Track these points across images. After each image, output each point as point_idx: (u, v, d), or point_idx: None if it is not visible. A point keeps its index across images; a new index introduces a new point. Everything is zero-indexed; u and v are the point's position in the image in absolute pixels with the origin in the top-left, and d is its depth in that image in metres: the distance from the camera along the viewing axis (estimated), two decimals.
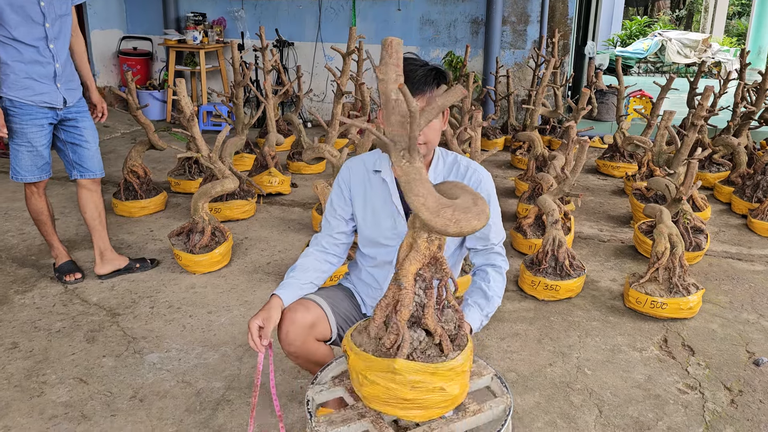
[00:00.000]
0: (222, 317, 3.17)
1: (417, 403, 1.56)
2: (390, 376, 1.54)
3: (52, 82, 3.20)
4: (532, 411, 2.48)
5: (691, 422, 2.43)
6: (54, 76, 3.21)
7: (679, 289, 3.18)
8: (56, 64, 3.21)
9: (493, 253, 2.09)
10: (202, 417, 2.42)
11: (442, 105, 1.36)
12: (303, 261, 2.10)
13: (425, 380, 1.53)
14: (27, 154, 3.25)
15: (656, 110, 5.26)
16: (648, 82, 7.59)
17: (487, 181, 2.07)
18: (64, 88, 3.26)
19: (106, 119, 3.68)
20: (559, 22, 7.25)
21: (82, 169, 3.47)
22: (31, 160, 3.27)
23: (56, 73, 3.21)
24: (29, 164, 3.28)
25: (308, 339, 1.97)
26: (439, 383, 1.55)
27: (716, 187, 5.21)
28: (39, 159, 3.29)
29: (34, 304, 3.29)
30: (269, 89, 5.25)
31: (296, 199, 5.06)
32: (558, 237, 3.43)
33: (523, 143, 6.14)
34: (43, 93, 3.18)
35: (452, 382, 1.57)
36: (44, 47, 3.15)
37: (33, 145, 3.25)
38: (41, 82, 3.16)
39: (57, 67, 3.21)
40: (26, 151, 3.25)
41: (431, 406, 1.58)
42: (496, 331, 3.08)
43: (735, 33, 17.99)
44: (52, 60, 3.19)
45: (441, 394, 1.56)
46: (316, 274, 2.09)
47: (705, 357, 2.89)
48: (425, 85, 1.84)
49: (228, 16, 8.23)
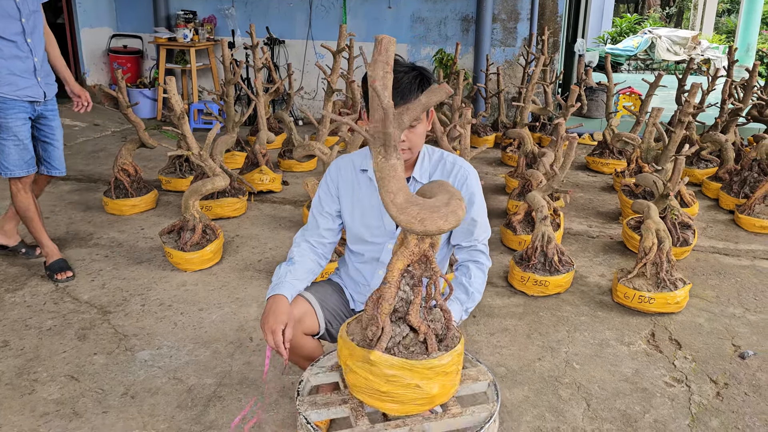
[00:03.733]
0: (213, 314, 3.18)
1: (392, 396, 1.58)
2: (367, 366, 1.57)
3: (32, 76, 3.29)
4: (521, 405, 2.51)
5: (678, 414, 2.47)
6: (34, 70, 3.29)
7: (667, 284, 3.22)
8: (35, 59, 3.29)
9: (476, 250, 2.11)
10: (194, 413, 2.44)
11: (426, 103, 1.38)
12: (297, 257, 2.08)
13: (401, 375, 1.55)
14: (14, 149, 3.30)
15: (645, 107, 5.30)
16: (637, 79, 7.64)
17: (473, 178, 2.08)
18: (43, 82, 3.36)
19: (90, 109, 3.73)
20: (549, 19, 7.28)
21: (49, 167, 3.59)
22: (18, 154, 3.33)
23: (35, 67, 3.30)
24: (17, 158, 3.33)
25: (296, 333, 1.97)
26: (416, 380, 1.55)
27: (704, 184, 5.26)
28: (26, 153, 3.36)
29: (24, 302, 3.29)
30: (260, 87, 5.26)
31: (287, 196, 5.07)
32: (547, 233, 3.46)
33: (514, 140, 6.17)
34: (25, 87, 3.27)
35: (430, 381, 1.56)
36: (22, 42, 3.22)
37: (19, 139, 3.31)
38: (23, 77, 3.25)
39: (36, 61, 3.30)
40: (13, 145, 3.30)
41: (407, 401, 1.58)
42: (486, 327, 3.10)
43: (724, 30, 18.09)
44: (30, 54, 3.27)
45: (416, 391, 1.56)
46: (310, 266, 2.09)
47: (691, 351, 2.92)
48: (411, 93, 1.84)
49: (218, 14, 8.22)
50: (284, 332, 1.87)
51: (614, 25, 17.33)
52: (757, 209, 4.40)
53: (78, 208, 4.73)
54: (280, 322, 1.87)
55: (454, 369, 1.62)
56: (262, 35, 7.74)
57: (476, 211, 2.07)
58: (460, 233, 2.09)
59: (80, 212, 4.63)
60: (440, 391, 1.61)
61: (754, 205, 4.42)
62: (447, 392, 1.64)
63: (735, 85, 5.87)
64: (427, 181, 2.06)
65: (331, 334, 2.16)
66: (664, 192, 3.73)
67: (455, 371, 1.64)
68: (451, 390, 1.66)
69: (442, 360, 1.58)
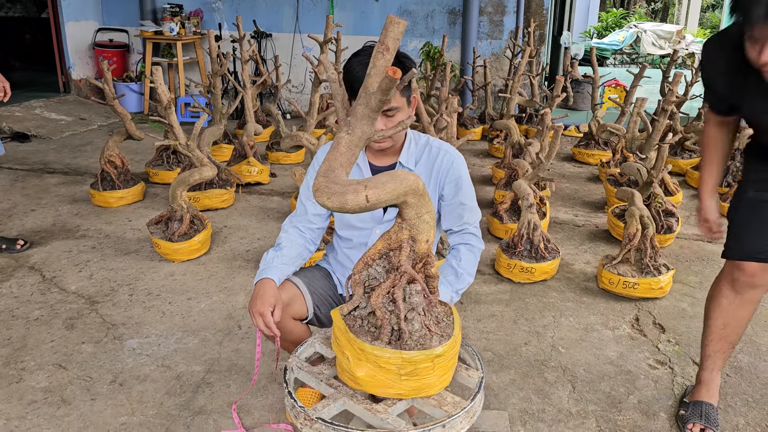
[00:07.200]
0: (201, 303, 3.19)
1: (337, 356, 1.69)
2: (335, 327, 1.67)
3: None
4: (508, 387, 2.54)
5: (661, 396, 2.51)
6: None
7: (651, 270, 3.26)
8: None
9: (467, 233, 2.13)
10: (183, 399, 2.44)
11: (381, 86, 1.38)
12: (284, 243, 2.09)
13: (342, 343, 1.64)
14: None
15: (629, 98, 5.35)
16: (623, 72, 7.70)
17: (460, 162, 2.10)
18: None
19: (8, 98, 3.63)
20: (535, 12, 7.32)
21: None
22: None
23: None
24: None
25: (284, 317, 1.99)
26: (348, 353, 1.62)
27: (688, 173, 5.32)
28: None
29: (11, 293, 3.28)
30: (247, 79, 5.25)
31: (275, 188, 5.07)
32: (533, 220, 3.50)
33: (501, 132, 6.20)
34: None
35: (359, 362, 1.59)
36: None
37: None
38: None
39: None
40: None
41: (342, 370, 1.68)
42: (473, 313, 3.13)
43: (709, 25, 18.26)
44: None
45: (347, 364, 1.63)
46: (298, 251, 2.10)
47: (675, 334, 2.97)
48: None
49: (205, 8, 8.19)
50: (273, 315, 1.88)
51: (600, 20, 17.43)
52: None
53: (65, 200, 4.71)
54: (267, 304, 1.88)
55: (393, 369, 1.57)
56: (249, 29, 7.72)
57: (464, 195, 2.09)
58: (450, 217, 2.11)
59: (67, 204, 4.61)
60: (366, 378, 1.59)
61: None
62: (377, 385, 1.60)
63: None
64: (413, 166, 2.08)
65: (320, 318, 2.17)
66: (648, 179, 3.78)
67: (394, 371, 1.57)
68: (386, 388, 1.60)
69: (376, 351, 1.55)
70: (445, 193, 2.08)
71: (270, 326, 1.86)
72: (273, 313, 1.88)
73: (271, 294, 1.91)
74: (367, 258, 1.62)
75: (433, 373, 1.60)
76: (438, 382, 1.64)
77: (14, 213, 4.43)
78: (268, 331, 1.87)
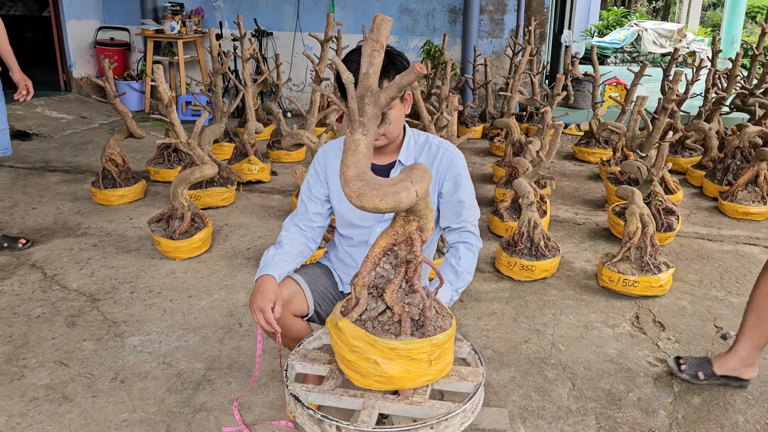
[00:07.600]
0: (202, 301, 3.20)
1: (354, 366, 1.62)
2: (337, 332, 1.64)
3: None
4: (508, 385, 2.55)
5: (661, 393, 2.51)
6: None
7: (650, 268, 3.26)
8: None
9: (466, 231, 2.13)
10: (184, 396, 2.45)
11: (400, 83, 1.38)
12: (285, 241, 2.10)
13: (363, 348, 1.57)
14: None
15: (630, 96, 5.35)
16: (624, 71, 7.70)
17: (459, 160, 2.10)
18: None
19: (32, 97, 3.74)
20: (535, 10, 7.32)
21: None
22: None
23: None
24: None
25: (285, 314, 2.00)
26: (375, 356, 1.56)
27: (688, 172, 5.33)
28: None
29: (13, 291, 3.29)
30: (248, 78, 5.26)
31: (276, 186, 5.08)
32: (533, 218, 3.50)
33: (501, 130, 6.21)
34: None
35: (390, 362, 1.57)
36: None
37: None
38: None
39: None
40: None
41: (366, 375, 1.60)
42: (473, 311, 3.14)
43: (710, 24, 18.24)
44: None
45: (375, 368, 1.58)
46: (299, 248, 2.11)
47: (675, 332, 2.98)
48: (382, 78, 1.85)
49: (206, 6, 8.19)
50: (273, 311, 1.89)
51: (601, 19, 17.42)
52: (740, 195, 4.47)
53: (66, 198, 4.72)
54: (268, 300, 1.88)
55: (424, 357, 1.59)
56: (249, 27, 7.73)
57: (463, 193, 2.09)
58: (449, 215, 2.12)
59: (68, 202, 4.62)
60: (400, 374, 1.59)
61: (737, 191, 4.48)
62: (411, 378, 1.61)
63: (719, 75, 5.94)
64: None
65: (320, 315, 2.18)
66: (648, 177, 3.78)
67: (425, 360, 1.60)
68: (418, 378, 1.62)
69: (408, 345, 1.56)
70: (444, 190, 2.08)
71: (270, 322, 1.87)
72: (273, 310, 1.89)
73: (272, 290, 1.92)
74: (374, 258, 1.62)
75: (450, 351, 1.69)
76: (451, 358, 1.72)
77: (16, 211, 4.44)
78: (269, 327, 1.88)
